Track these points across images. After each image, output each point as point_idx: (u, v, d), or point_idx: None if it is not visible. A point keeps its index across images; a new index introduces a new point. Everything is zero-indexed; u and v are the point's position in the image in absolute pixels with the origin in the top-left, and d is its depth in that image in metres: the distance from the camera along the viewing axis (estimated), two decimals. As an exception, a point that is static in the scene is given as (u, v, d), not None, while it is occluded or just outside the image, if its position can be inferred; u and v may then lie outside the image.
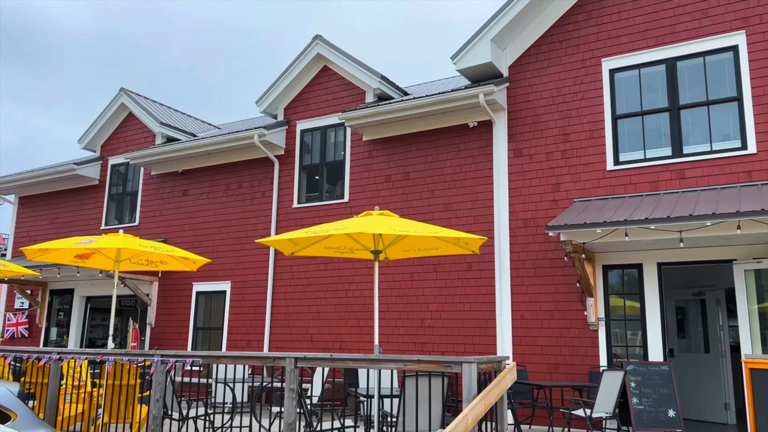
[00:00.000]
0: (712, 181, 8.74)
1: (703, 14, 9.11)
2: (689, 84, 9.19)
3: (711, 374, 10.08)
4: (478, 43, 10.28)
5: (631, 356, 8.98)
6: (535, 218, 9.93)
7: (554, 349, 9.41)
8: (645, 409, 8.04)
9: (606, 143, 9.58)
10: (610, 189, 9.43)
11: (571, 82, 9.98)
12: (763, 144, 8.48)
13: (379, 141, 11.69)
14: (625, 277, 9.27)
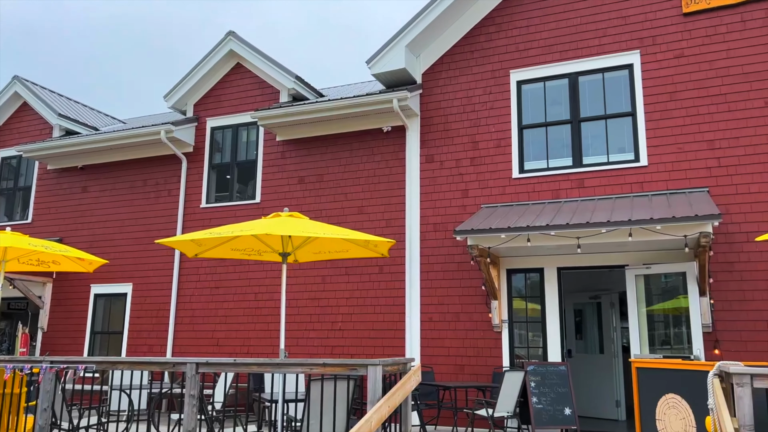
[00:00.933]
0: (608, 190, 9.27)
1: (603, 33, 9.67)
2: (590, 98, 9.71)
3: (604, 373, 10.67)
4: (393, 48, 10.39)
5: (532, 357, 9.34)
6: (445, 223, 10.15)
7: (460, 350, 9.63)
8: (544, 407, 8.38)
9: (512, 152, 9.94)
10: (515, 196, 9.79)
11: (481, 92, 10.29)
12: (654, 157, 9.08)
13: (293, 142, 11.55)
14: (528, 280, 9.65)
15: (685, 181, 8.86)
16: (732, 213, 8.53)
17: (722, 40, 8.94)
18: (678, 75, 9.11)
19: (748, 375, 4.27)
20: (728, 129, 8.73)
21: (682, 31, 9.19)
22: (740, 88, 8.74)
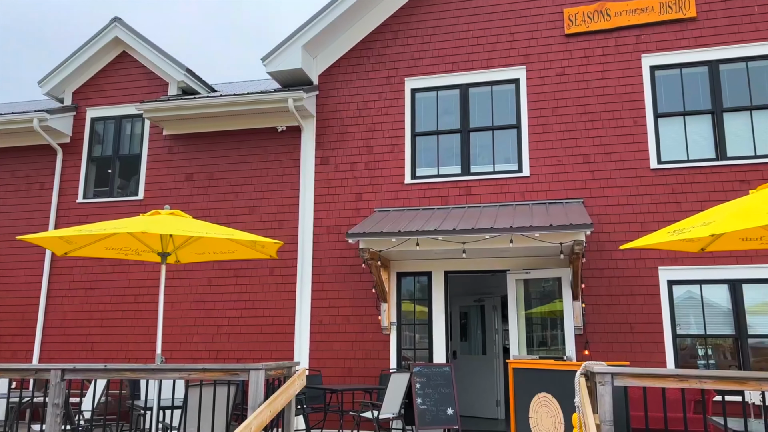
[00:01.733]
0: (494, 198, 9.67)
1: (493, 47, 10.10)
2: (479, 109, 10.09)
3: (487, 374, 11.11)
4: (290, 47, 10.26)
5: (419, 358, 9.54)
6: (338, 225, 10.14)
7: (349, 353, 9.65)
8: (428, 408, 8.58)
9: (405, 158, 10.12)
10: (407, 201, 9.97)
11: (377, 97, 10.40)
12: (535, 168, 9.59)
13: (182, 137, 11.08)
14: (417, 283, 9.85)
15: (563, 192, 9.43)
16: (603, 223, 9.18)
17: (599, 61, 9.61)
18: (559, 92, 9.69)
19: (609, 374, 4.58)
20: (602, 145, 9.39)
21: (563, 51, 9.79)
22: (613, 107, 9.44)
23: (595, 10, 9.69)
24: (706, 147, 9.10)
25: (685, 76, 9.34)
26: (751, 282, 8.56)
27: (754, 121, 9.00)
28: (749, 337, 8.47)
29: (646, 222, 9.00)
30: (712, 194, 8.84)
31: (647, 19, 9.47)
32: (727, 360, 8.58)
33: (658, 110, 9.32)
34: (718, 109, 9.10)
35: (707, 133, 9.13)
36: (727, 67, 9.19)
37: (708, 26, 9.29)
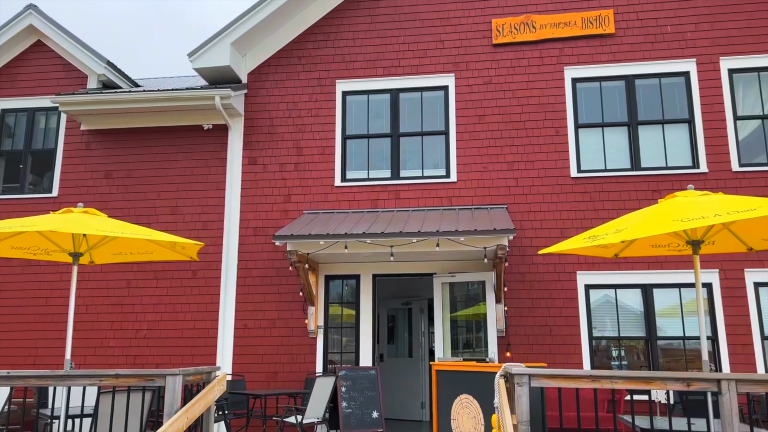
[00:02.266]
0: (422, 203, 9.78)
1: (423, 54, 10.23)
2: (409, 115, 10.19)
3: (413, 377, 11.21)
4: (218, 44, 10.01)
5: (345, 362, 9.50)
6: (266, 227, 9.97)
7: (275, 357, 9.50)
8: (353, 411, 8.56)
9: (335, 160, 10.08)
10: (337, 204, 9.93)
11: (307, 99, 10.32)
12: (462, 174, 9.77)
13: (101, 132, 10.59)
14: (345, 287, 9.82)
15: (488, 197, 9.65)
16: (525, 228, 9.46)
17: (524, 72, 9.92)
18: (486, 100, 9.93)
19: (527, 375, 4.71)
20: (526, 153, 9.68)
21: (491, 60, 10.03)
22: (537, 117, 9.76)
23: (521, 22, 10.00)
24: (622, 157, 9.56)
25: (604, 89, 9.78)
26: (661, 287, 9.05)
27: (666, 134, 9.52)
28: (659, 338, 8.94)
29: (566, 228, 9.34)
30: (627, 202, 9.29)
31: (570, 33, 9.85)
32: (639, 360, 9.03)
33: (579, 121, 9.71)
34: (633, 122, 9.57)
35: (623, 145, 9.59)
36: (642, 82, 9.69)
37: (625, 43, 9.77)
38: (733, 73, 9.48)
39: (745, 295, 8.82)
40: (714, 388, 4.37)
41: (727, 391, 4.31)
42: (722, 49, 9.54)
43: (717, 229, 5.14)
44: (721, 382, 4.33)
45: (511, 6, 10.13)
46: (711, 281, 8.92)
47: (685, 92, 9.54)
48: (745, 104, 9.46)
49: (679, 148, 9.46)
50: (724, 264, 8.93)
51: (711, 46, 9.57)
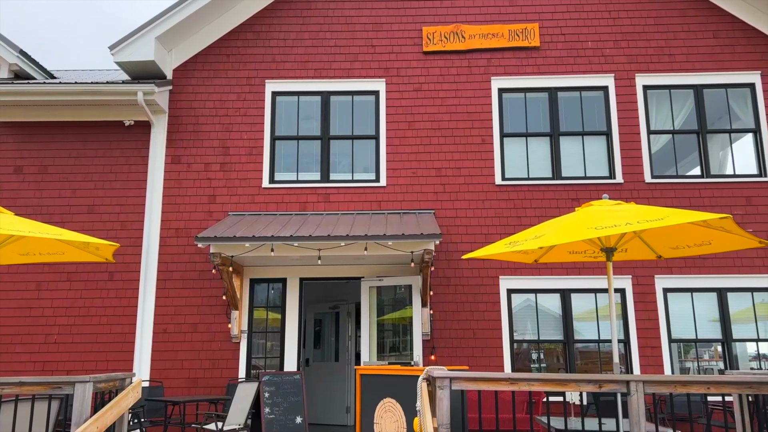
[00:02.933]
0: (351, 206, 9.77)
1: (355, 58, 10.23)
2: (340, 118, 10.16)
3: (338, 381, 11.16)
4: (142, 38, 9.64)
5: (269, 367, 9.34)
6: (188, 228, 9.67)
7: (195, 362, 9.21)
8: (276, 417, 8.42)
9: (264, 161, 9.91)
10: (264, 206, 9.76)
11: (235, 97, 10.10)
12: (392, 179, 9.84)
13: (12, 125, 9.97)
14: (271, 290, 9.66)
15: (416, 202, 9.75)
16: (452, 234, 9.62)
17: (453, 80, 10.10)
18: (416, 107, 10.04)
19: (448, 379, 4.77)
20: (453, 159, 9.86)
21: (421, 68, 10.16)
22: (464, 125, 9.96)
23: (451, 31, 10.19)
24: (544, 166, 9.89)
25: (528, 100, 10.10)
26: (578, 291, 9.42)
27: (585, 145, 9.94)
28: (575, 341, 9.30)
29: (490, 234, 9.57)
30: (548, 210, 9.62)
31: (497, 44, 10.12)
32: (558, 363, 9.36)
33: (504, 130, 9.98)
34: (555, 133, 9.94)
35: (545, 154, 9.93)
36: (564, 94, 10.07)
37: (549, 56, 10.14)
38: (647, 89, 10.02)
39: (655, 300, 9.31)
40: (623, 389, 4.57)
41: (635, 392, 4.52)
42: (638, 67, 10.06)
43: (629, 237, 5.40)
44: (630, 383, 4.53)
45: (442, 15, 10.31)
46: (624, 287, 9.37)
47: (604, 106, 10.00)
48: (657, 119, 10.01)
49: (597, 159, 9.90)
50: (636, 270, 9.40)
51: (628, 63, 10.08)
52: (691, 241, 5.37)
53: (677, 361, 9.30)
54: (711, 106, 9.99)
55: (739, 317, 9.29)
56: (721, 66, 9.99)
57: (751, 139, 9.88)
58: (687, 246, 5.47)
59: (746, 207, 9.50)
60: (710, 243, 5.28)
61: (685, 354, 9.39)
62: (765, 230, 9.39)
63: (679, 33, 10.13)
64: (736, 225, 4.80)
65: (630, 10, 10.23)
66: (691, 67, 10.00)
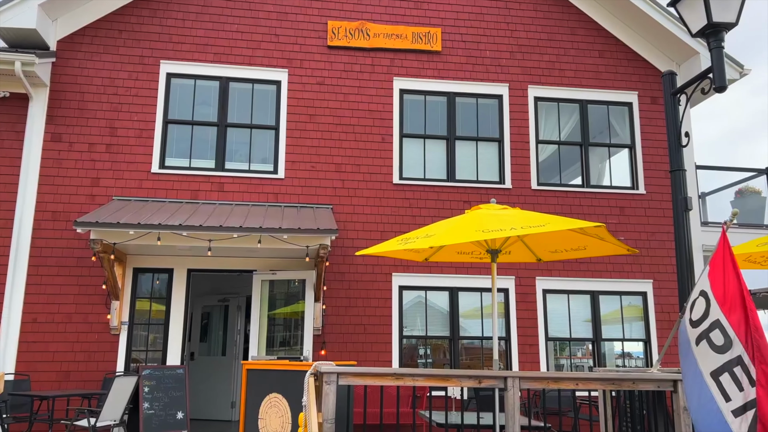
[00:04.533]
0: (247, 197, 9.54)
1: (257, 46, 10.00)
2: (239, 105, 9.89)
3: (224, 376, 10.88)
4: (23, 3, 8.87)
5: (151, 361, 8.93)
6: (68, 212, 9.03)
7: (68, 355, 8.63)
8: (155, 413, 8.07)
9: (154, 145, 9.45)
10: (153, 192, 9.31)
11: (127, 76, 9.55)
12: (290, 172, 9.72)
13: None
14: (156, 281, 9.24)
15: (314, 197, 9.70)
16: (348, 230, 9.66)
17: (356, 77, 10.14)
18: (318, 100, 9.98)
19: (335, 374, 4.79)
20: (353, 156, 9.90)
21: (325, 61, 10.11)
22: (366, 122, 10.03)
23: (356, 27, 10.22)
24: (439, 168, 10.18)
25: (428, 102, 10.34)
26: (466, 290, 9.79)
27: (479, 150, 10.33)
28: (461, 338, 9.66)
29: (386, 231, 9.72)
30: (442, 211, 9.91)
31: (401, 45, 10.28)
32: (444, 358, 9.68)
33: (404, 131, 10.16)
34: (452, 136, 10.25)
35: (441, 157, 10.23)
36: (461, 100, 10.41)
37: (449, 61, 10.43)
38: (538, 100, 10.58)
39: (535, 300, 9.87)
40: (501, 385, 4.80)
41: (511, 387, 4.77)
42: (531, 78, 10.59)
43: (513, 240, 5.68)
44: (507, 379, 4.77)
45: (348, 11, 10.31)
46: (508, 287, 9.85)
47: (498, 114, 10.44)
48: (546, 130, 10.60)
49: (489, 164, 10.32)
50: (519, 272, 9.91)
51: (522, 74, 10.59)
52: (569, 246, 5.75)
53: (553, 359, 9.91)
54: (594, 120, 10.73)
55: (608, 318, 10.06)
56: (604, 84, 10.74)
57: (626, 154, 10.71)
58: (565, 250, 5.84)
59: (620, 216, 10.30)
60: (585, 248, 5.67)
61: (561, 352, 10.03)
62: (635, 239, 10.23)
63: (569, 50, 10.78)
64: (609, 233, 5.18)
65: (526, 24, 10.75)
66: (578, 83, 10.68)
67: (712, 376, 3.02)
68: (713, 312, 3.07)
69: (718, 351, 3.02)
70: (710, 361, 3.06)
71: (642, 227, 10.30)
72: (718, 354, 3.01)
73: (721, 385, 2.96)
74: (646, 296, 10.11)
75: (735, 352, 2.94)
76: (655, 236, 10.30)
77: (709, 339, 3.09)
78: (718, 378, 2.99)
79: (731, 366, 2.95)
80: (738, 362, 2.92)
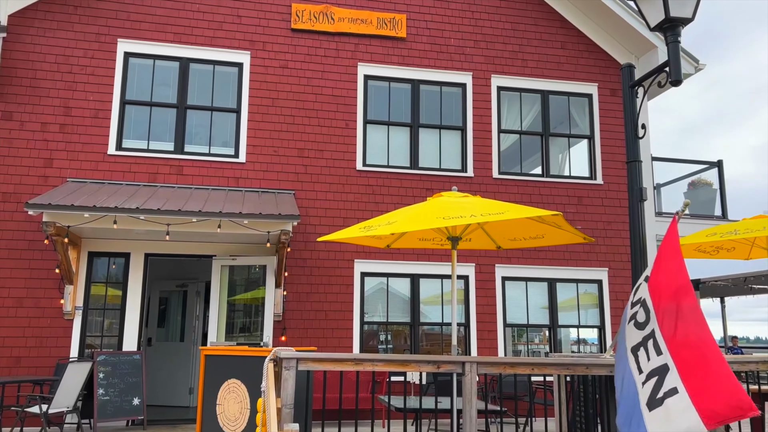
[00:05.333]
0: (207, 181, 9.39)
1: (219, 27, 9.79)
2: (199, 87, 9.69)
3: (183, 362, 10.74)
4: (-29, -27, 8.49)
5: (107, 346, 8.76)
6: (19, 193, 8.73)
7: (19, 341, 8.39)
8: (111, 399, 7.93)
9: (111, 126, 9.20)
10: (109, 174, 9.08)
11: (82, 54, 9.25)
12: (252, 156, 9.59)
13: None
14: (112, 265, 9.03)
15: (276, 182, 9.61)
16: (311, 215, 9.61)
17: (320, 61, 10.04)
18: (281, 84, 9.85)
19: (295, 359, 4.77)
20: (316, 141, 9.83)
21: (289, 45, 9.98)
22: (329, 108, 9.96)
23: (321, 11, 10.10)
24: (403, 155, 10.20)
25: (392, 89, 10.33)
26: (427, 277, 9.87)
27: (442, 138, 10.38)
28: (421, 324, 9.75)
29: (348, 218, 9.70)
30: (404, 198, 9.94)
31: (366, 30, 10.21)
32: (404, 344, 9.76)
33: (368, 117, 10.13)
34: (415, 124, 10.27)
35: (405, 144, 10.24)
36: (426, 87, 10.42)
37: (414, 48, 10.42)
38: (501, 90, 10.67)
39: (495, 288, 10.02)
40: (459, 370, 4.87)
41: (469, 372, 4.84)
42: (495, 68, 10.67)
43: (473, 228, 5.74)
44: (465, 364, 4.84)
45: (313, -6, 10.18)
46: (468, 274, 9.97)
47: (461, 102, 10.50)
48: (508, 119, 10.71)
49: (451, 152, 10.38)
50: (480, 259, 10.04)
51: (486, 64, 10.65)
52: (527, 234, 5.84)
53: (511, 344, 10.10)
54: (555, 111, 10.89)
55: (564, 305, 10.29)
56: (566, 75, 10.90)
57: (586, 145, 10.91)
58: (523, 238, 5.94)
59: (578, 206, 10.51)
60: (543, 236, 5.78)
61: (518, 338, 10.23)
62: (592, 228, 10.46)
63: (532, 40, 10.89)
64: (566, 221, 5.28)
65: (491, 13, 10.81)
66: (540, 74, 10.81)
67: (632, 351, 3.18)
68: (643, 291, 3.22)
69: (639, 327, 3.18)
70: (633, 337, 3.22)
71: (599, 217, 10.54)
72: (639, 330, 3.17)
73: (637, 359, 3.13)
74: (602, 284, 10.37)
75: (650, 327, 3.10)
76: (611, 226, 10.56)
77: (635, 317, 3.25)
78: (636, 353, 3.16)
79: (646, 341, 3.11)
80: (651, 336, 3.08)
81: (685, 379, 2.87)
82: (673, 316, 3.02)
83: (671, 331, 2.99)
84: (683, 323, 2.97)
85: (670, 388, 2.92)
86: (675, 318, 3.01)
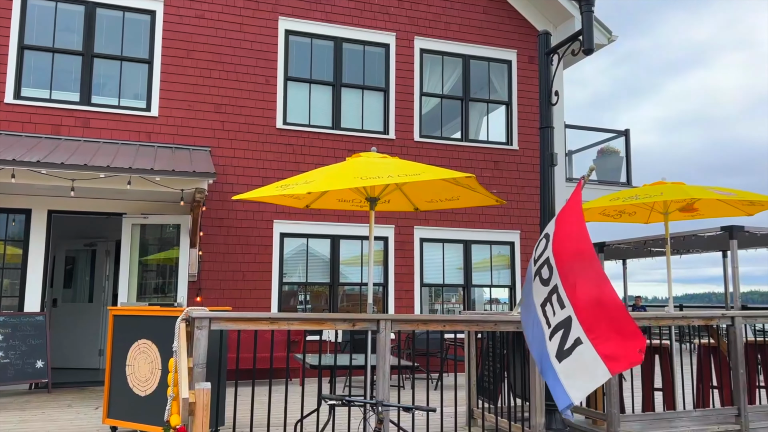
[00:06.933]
0: (116, 135, 8.92)
1: (130, -30, 9.17)
2: (107, 34, 9.09)
3: (91, 323, 10.34)
4: None
5: (7, 308, 8.28)
6: None
7: None
8: (11, 362, 7.54)
9: (8, 72, 8.51)
10: (7, 124, 8.43)
11: (-27, -10, 8.43)
12: (165, 110, 9.17)
13: None
14: (12, 222, 8.48)
15: (191, 138, 9.26)
16: (228, 174, 9.36)
17: (239, 13, 9.64)
18: (197, 35, 9.41)
19: (207, 318, 4.70)
20: (234, 97, 9.51)
21: (206, -6, 9.50)
22: (248, 62, 9.63)
23: (240, -40, 9.65)
24: (325, 115, 10.06)
25: (315, 46, 10.10)
26: (347, 238, 9.91)
27: (364, 99, 10.30)
28: (341, 284, 9.82)
29: (268, 177, 9.53)
30: (326, 159, 9.86)
31: (288, -17, 9.87)
32: (324, 305, 9.81)
33: (289, 74, 9.88)
34: (338, 83, 10.12)
35: (327, 103, 10.09)
36: (349, 46, 10.26)
37: (337, 5, 10.19)
38: (424, 52, 10.68)
39: (413, 249, 10.20)
40: (374, 327, 4.96)
41: (383, 329, 4.94)
42: (418, 30, 10.64)
43: (391, 189, 5.78)
44: (379, 321, 4.93)
45: (232, -59, 9.70)
46: (387, 235, 10.09)
47: (384, 63, 10.43)
48: (430, 82, 10.76)
49: (374, 113, 10.35)
50: (399, 221, 10.17)
51: (409, 25, 10.60)
52: (443, 196, 5.95)
53: (427, 304, 10.37)
54: (475, 76, 11.03)
55: (478, 266, 10.65)
56: (487, 40, 11.04)
57: (504, 111, 11.17)
58: (440, 200, 6.04)
59: (494, 170, 10.80)
60: (458, 198, 5.90)
61: (435, 298, 10.52)
62: (507, 192, 10.80)
63: (456, 3, 10.91)
64: (479, 184, 5.42)
65: (416, -26, 10.71)
66: (462, 38, 10.88)
67: (541, 306, 3.39)
68: (547, 251, 3.40)
69: (544, 284, 3.38)
70: (540, 293, 3.42)
71: (513, 181, 10.89)
72: (544, 286, 3.38)
73: (545, 314, 3.35)
74: (514, 246, 10.79)
75: (553, 282, 3.30)
76: (524, 190, 10.94)
77: (540, 274, 3.44)
78: (543, 308, 3.37)
79: (551, 295, 3.32)
80: (555, 290, 3.29)
81: (588, 329, 3.06)
82: (574, 273, 3.20)
83: (572, 286, 3.17)
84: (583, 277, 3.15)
85: (575, 338, 3.12)
86: (576, 274, 3.19)
